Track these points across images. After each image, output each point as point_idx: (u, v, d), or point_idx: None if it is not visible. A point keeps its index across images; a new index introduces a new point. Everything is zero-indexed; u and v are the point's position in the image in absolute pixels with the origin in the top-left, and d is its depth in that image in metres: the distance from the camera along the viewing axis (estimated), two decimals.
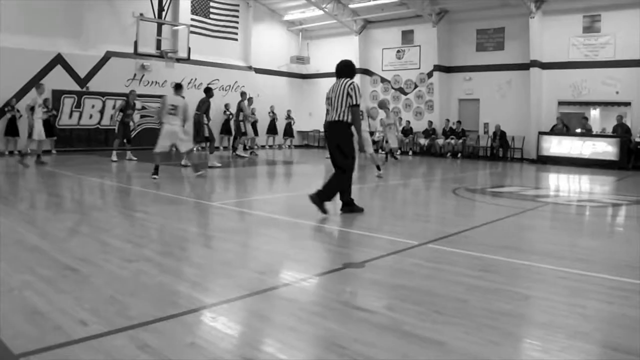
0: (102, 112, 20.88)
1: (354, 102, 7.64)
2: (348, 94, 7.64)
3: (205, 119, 15.00)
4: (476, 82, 23.67)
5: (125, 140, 16.57)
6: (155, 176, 11.84)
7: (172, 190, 10.53)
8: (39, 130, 14.41)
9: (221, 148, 23.27)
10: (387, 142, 18.96)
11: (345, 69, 8.04)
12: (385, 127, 18.85)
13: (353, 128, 7.81)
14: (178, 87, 12.61)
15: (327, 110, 8.06)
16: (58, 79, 19.66)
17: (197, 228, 6.36)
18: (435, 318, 3.76)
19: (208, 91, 15.49)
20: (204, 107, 15.07)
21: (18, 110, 18.23)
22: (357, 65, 26.72)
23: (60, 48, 19.84)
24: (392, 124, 18.85)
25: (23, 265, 4.90)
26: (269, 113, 25.61)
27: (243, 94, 19.86)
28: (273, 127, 26.13)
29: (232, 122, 21.71)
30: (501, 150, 22.23)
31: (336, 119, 7.70)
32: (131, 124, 17.26)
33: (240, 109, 19.33)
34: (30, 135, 14.73)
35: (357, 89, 7.76)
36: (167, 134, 11.99)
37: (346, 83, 7.77)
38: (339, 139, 7.75)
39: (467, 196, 10.99)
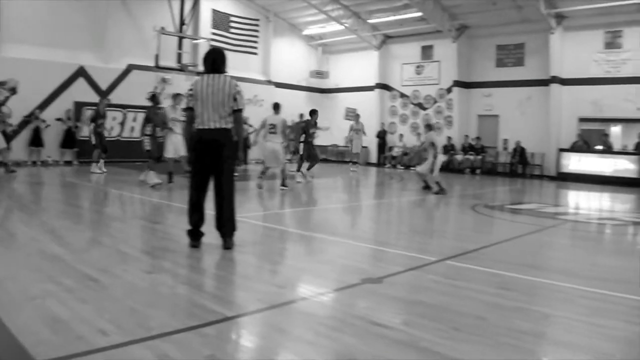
0: (122, 124, 21.08)
1: (239, 107, 6.29)
2: (234, 96, 6.24)
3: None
4: (496, 98, 23.57)
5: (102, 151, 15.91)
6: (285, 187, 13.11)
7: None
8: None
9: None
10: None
11: (223, 61, 6.54)
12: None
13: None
14: (276, 107, 12.95)
15: (193, 114, 6.32)
16: (80, 91, 19.88)
17: (214, 240, 6.37)
18: (453, 335, 3.74)
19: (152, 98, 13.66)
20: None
21: (44, 121, 18.50)
22: (376, 80, 26.86)
23: (82, 61, 20.09)
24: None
25: (45, 274, 4.95)
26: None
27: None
28: None
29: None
30: (520, 166, 22.09)
31: (221, 126, 6.22)
32: (105, 133, 16.29)
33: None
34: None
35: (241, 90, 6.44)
36: (269, 152, 12.88)
37: (231, 82, 6.31)
38: (228, 151, 6.29)
39: (486, 213, 10.93)
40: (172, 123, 13.09)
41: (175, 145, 13.02)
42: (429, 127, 15.14)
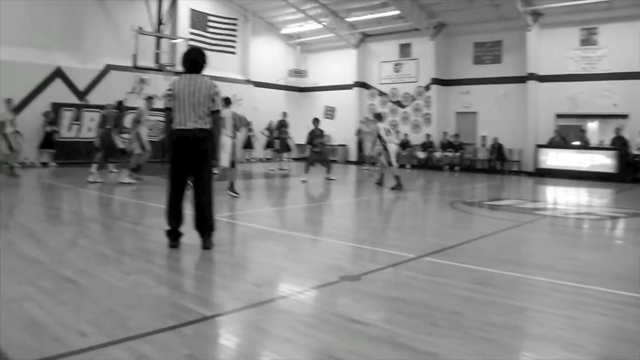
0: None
1: (217, 107, 6.31)
2: (212, 97, 6.25)
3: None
4: (473, 95, 23.77)
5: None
6: (233, 193, 11.66)
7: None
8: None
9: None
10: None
11: (203, 61, 6.50)
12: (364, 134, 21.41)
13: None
14: (227, 102, 12.66)
15: (172, 114, 6.29)
16: (57, 93, 19.73)
17: (193, 240, 6.37)
18: (430, 330, 3.79)
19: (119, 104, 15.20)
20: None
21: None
22: (355, 79, 26.91)
23: (59, 61, 19.90)
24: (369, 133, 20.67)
25: (23, 277, 4.92)
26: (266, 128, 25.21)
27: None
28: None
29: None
30: (498, 163, 22.26)
31: (199, 126, 6.20)
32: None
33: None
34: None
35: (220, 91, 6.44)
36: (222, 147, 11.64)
37: (209, 83, 6.31)
38: (209, 151, 6.34)
39: (464, 209, 11.02)
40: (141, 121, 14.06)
41: (145, 141, 13.96)
42: (379, 116, 15.07)
